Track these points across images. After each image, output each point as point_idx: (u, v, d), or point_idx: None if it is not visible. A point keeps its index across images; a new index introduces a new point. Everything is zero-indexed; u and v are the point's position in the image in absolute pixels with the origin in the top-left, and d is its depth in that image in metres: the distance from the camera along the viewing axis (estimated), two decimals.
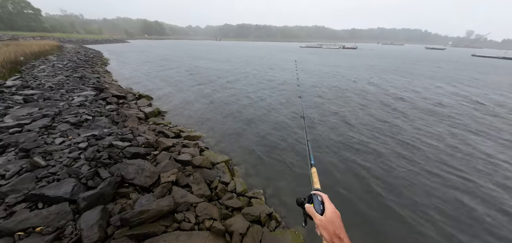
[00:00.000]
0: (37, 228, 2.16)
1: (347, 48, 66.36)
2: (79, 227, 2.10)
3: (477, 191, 3.93)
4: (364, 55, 40.07)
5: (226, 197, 3.25)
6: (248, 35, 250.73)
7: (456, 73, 19.22)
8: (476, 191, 3.93)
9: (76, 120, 4.56)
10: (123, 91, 8.36)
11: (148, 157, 3.64)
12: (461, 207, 3.56)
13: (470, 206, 3.58)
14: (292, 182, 4.10)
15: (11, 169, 3.04)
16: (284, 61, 26.11)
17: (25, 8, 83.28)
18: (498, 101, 10.03)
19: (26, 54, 14.46)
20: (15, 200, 2.53)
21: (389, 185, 4.02)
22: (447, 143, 5.63)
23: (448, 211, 3.46)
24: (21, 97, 6.15)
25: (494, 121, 7.38)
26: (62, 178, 2.75)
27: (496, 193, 3.89)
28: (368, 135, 6.01)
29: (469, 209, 3.52)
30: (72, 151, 3.40)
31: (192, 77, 14.28)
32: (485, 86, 13.43)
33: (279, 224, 3.09)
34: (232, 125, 6.60)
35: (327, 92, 10.81)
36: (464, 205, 3.61)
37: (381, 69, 20.03)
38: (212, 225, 2.49)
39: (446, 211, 3.46)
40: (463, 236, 3.05)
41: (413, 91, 11.45)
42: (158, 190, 2.74)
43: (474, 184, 4.12)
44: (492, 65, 29.07)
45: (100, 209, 2.25)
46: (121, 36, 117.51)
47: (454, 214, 3.42)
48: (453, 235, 3.07)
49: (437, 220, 3.29)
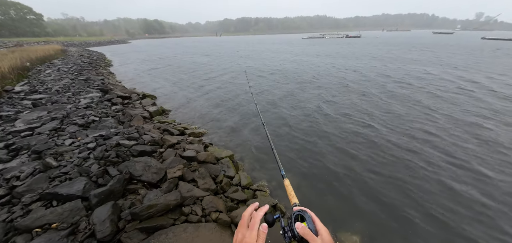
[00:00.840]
0: (53, 224, 2.28)
1: (350, 37, 64.83)
2: (92, 222, 2.21)
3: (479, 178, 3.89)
4: (368, 43, 39.15)
5: (231, 190, 3.32)
6: (248, 28, 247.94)
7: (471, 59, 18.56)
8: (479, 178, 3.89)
9: (84, 122, 4.69)
10: (127, 92, 8.49)
11: (154, 154, 3.74)
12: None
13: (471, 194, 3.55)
14: (295, 174, 4.14)
15: (25, 170, 3.18)
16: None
17: (27, 14, 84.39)
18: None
19: (32, 60, 14.78)
20: (31, 199, 2.67)
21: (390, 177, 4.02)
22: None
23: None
24: (30, 102, 6.34)
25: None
26: (73, 177, 2.87)
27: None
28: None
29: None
30: (81, 151, 3.52)
31: (192, 74, 14.35)
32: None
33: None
34: (235, 120, 6.65)
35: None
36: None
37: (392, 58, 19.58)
38: (218, 217, 2.57)
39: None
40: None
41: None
42: (165, 185, 2.83)
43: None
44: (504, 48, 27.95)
45: (111, 205, 2.35)
46: (122, 36, 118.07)
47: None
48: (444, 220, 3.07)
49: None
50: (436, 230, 2.93)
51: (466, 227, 2.96)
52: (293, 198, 0.79)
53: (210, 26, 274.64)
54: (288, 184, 0.87)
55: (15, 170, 3.24)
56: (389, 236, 2.89)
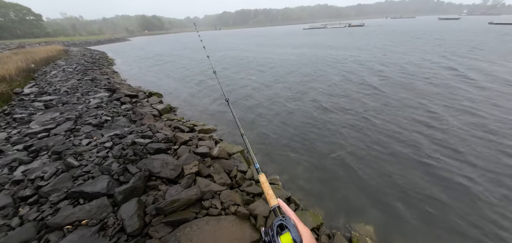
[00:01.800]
0: (83, 221, 2.40)
1: (353, 26, 63.53)
2: (120, 217, 2.33)
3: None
4: (371, 32, 38.39)
5: (246, 184, 3.42)
6: (247, 21, 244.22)
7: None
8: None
9: (97, 122, 4.80)
10: (134, 91, 8.58)
11: (169, 152, 3.84)
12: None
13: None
14: (306, 167, 4.22)
15: (48, 170, 3.30)
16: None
17: (27, 15, 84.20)
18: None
19: (36, 61, 14.88)
20: (58, 198, 2.79)
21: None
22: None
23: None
24: (41, 103, 6.46)
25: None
26: (96, 175, 2.98)
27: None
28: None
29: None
30: (99, 150, 3.63)
31: (193, 69, 14.37)
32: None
33: (298, 207, 3.25)
34: (242, 116, 6.71)
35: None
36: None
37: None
38: (237, 210, 2.67)
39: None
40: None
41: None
42: (184, 181, 2.93)
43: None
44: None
45: (136, 201, 2.46)
46: (122, 34, 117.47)
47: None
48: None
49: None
50: (450, 218, 3.00)
51: (482, 215, 3.03)
52: (271, 198, 0.67)
53: (209, 20, 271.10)
54: (264, 181, 0.76)
55: (38, 171, 3.36)
56: (403, 224, 2.97)
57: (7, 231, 2.38)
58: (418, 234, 2.82)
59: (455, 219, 2.98)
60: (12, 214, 2.62)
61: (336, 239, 2.64)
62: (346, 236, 2.79)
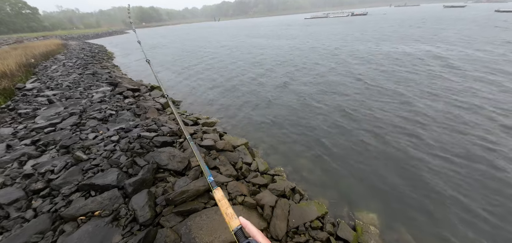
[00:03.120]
0: (96, 212, 2.48)
1: (356, 15, 62.12)
2: (131, 208, 2.40)
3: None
4: (374, 21, 37.59)
5: (251, 175, 3.49)
6: (247, 11, 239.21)
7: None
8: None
9: (102, 116, 4.83)
10: (135, 84, 8.57)
11: (175, 145, 3.89)
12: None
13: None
14: (310, 158, 4.27)
15: (57, 164, 3.37)
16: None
17: (23, 9, 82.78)
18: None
19: (36, 56, 14.77)
20: (70, 190, 2.86)
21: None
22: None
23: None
24: (45, 98, 6.48)
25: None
26: (105, 168, 3.05)
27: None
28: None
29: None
30: (106, 144, 3.69)
31: (193, 62, 14.26)
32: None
33: (303, 197, 3.32)
34: (244, 109, 6.72)
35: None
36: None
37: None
38: (244, 200, 2.75)
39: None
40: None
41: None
42: (192, 173, 2.99)
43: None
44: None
45: (146, 192, 2.53)
46: (119, 27, 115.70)
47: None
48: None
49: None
50: (452, 210, 3.07)
51: (483, 202, 3.09)
52: (231, 219, 0.56)
53: (207, 11, 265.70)
54: (221, 198, 0.65)
55: (47, 165, 3.43)
56: (405, 211, 3.04)
57: (21, 223, 2.47)
58: (421, 221, 2.89)
59: (457, 206, 3.05)
60: (26, 207, 2.70)
61: (341, 227, 2.72)
62: (350, 224, 2.87)
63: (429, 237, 2.70)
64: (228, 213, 0.59)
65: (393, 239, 2.70)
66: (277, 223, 2.53)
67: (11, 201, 2.65)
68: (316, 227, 2.66)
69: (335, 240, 2.56)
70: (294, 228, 2.58)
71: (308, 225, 2.66)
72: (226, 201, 0.63)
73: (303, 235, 2.52)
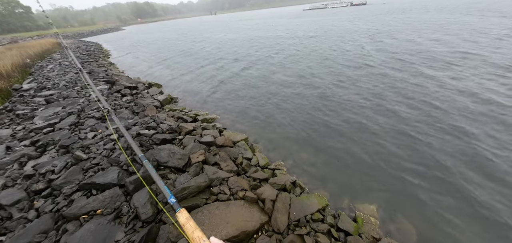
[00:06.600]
0: (98, 211, 2.49)
1: (355, 5, 61.10)
2: (133, 205, 2.41)
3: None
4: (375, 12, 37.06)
5: (252, 170, 3.50)
6: (244, 4, 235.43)
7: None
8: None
9: (100, 115, 4.80)
10: (133, 82, 8.49)
11: (174, 142, 3.88)
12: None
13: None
14: (310, 152, 4.28)
15: (58, 164, 3.36)
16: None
17: (16, 8, 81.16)
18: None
19: (31, 56, 14.58)
20: (71, 190, 2.87)
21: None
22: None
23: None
24: (42, 98, 6.43)
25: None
26: (105, 167, 3.05)
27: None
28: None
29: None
30: (106, 142, 3.67)
31: (190, 59, 14.11)
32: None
33: (303, 190, 3.35)
34: (241, 103, 6.69)
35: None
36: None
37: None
38: (245, 195, 2.76)
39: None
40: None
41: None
42: (192, 169, 3.00)
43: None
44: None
45: (147, 190, 2.53)
46: (115, 23, 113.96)
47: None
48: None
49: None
50: (449, 198, 3.10)
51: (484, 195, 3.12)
52: (201, 240, 0.48)
53: (203, 4, 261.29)
54: (186, 221, 0.54)
55: (47, 165, 3.42)
56: (405, 202, 3.07)
57: (24, 224, 2.48)
58: (420, 212, 2.92)
59: (457, 197, 3.08)
60: (28, 207, 2.71)
61: (341, 219, 2.75)
62: (350, 215, 2.90)
63: (429, 227, 2.73)
64: (194, 237, 0.50)
65: (393, 229, 2.73)
66: (278, 217, 2.55)
67: (13, 202, 2.66)
68: (317, 219, 2.68)
69: (336, 232, 2.59)
70: (295, 221, 2.61)
71: (309, 218, 2.68)
72: (192, 223, 0.54)
73: (304, 228, 2.55)
